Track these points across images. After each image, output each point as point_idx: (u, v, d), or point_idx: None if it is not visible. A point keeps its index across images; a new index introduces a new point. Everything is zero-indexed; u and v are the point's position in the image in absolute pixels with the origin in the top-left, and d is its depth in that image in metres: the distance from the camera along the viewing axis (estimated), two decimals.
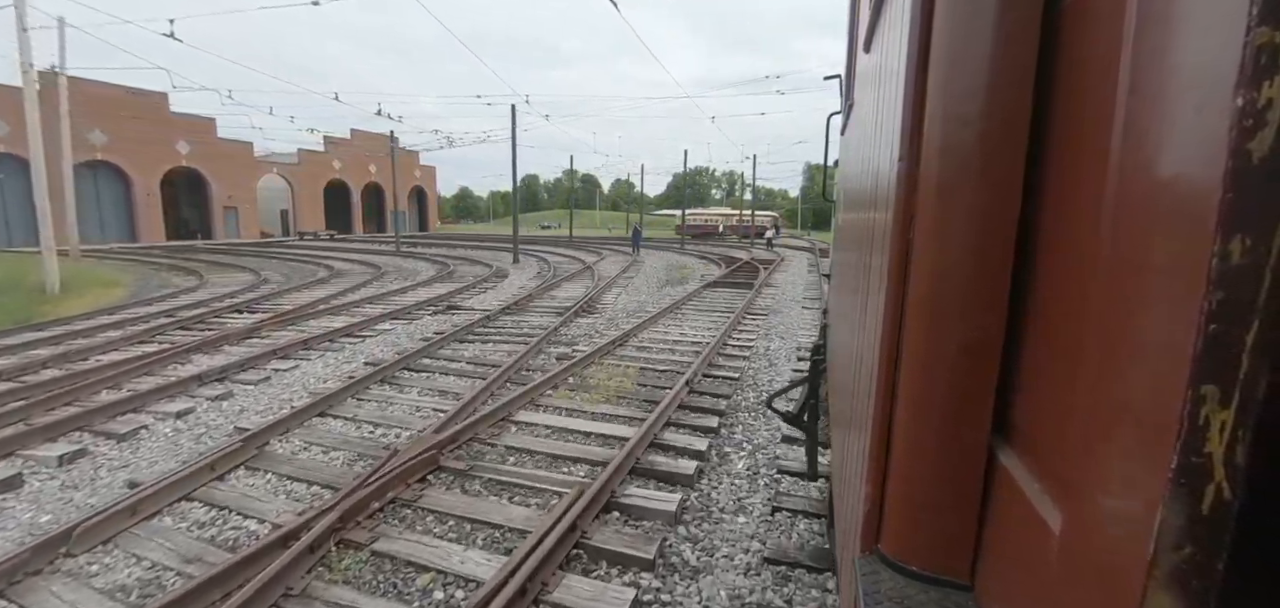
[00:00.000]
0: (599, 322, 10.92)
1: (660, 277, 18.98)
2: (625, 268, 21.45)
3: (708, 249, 33.89)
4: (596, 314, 11.70)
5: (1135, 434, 0.43)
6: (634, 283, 17.19)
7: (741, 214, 48.21)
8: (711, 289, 15.41)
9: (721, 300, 13.50)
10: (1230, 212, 0.34)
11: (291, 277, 18.37)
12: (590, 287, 14.97)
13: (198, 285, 16.07)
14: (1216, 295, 0.34)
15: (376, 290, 14.77)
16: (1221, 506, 0.35)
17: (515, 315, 11.39)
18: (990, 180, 0.72)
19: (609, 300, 13.53)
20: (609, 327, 10.45)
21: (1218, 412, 0.35)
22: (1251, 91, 0.32)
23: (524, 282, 17.01)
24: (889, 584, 0.82)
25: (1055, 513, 0.57)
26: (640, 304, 13.06)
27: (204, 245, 31.40)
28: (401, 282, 17.03)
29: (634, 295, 14.56)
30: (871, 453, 0.90)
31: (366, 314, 11.23)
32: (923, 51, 0.79)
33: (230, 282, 16.94)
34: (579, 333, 9.96)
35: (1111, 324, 0.48)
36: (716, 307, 12.66)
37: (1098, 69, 0.55)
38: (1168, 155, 0.41)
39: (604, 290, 14.73)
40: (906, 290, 0.83)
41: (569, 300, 12.87)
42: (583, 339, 9.45)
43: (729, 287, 15.76)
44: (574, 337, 9.65)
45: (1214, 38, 0.36)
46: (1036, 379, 0.68)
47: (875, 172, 1.28)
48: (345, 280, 17.18)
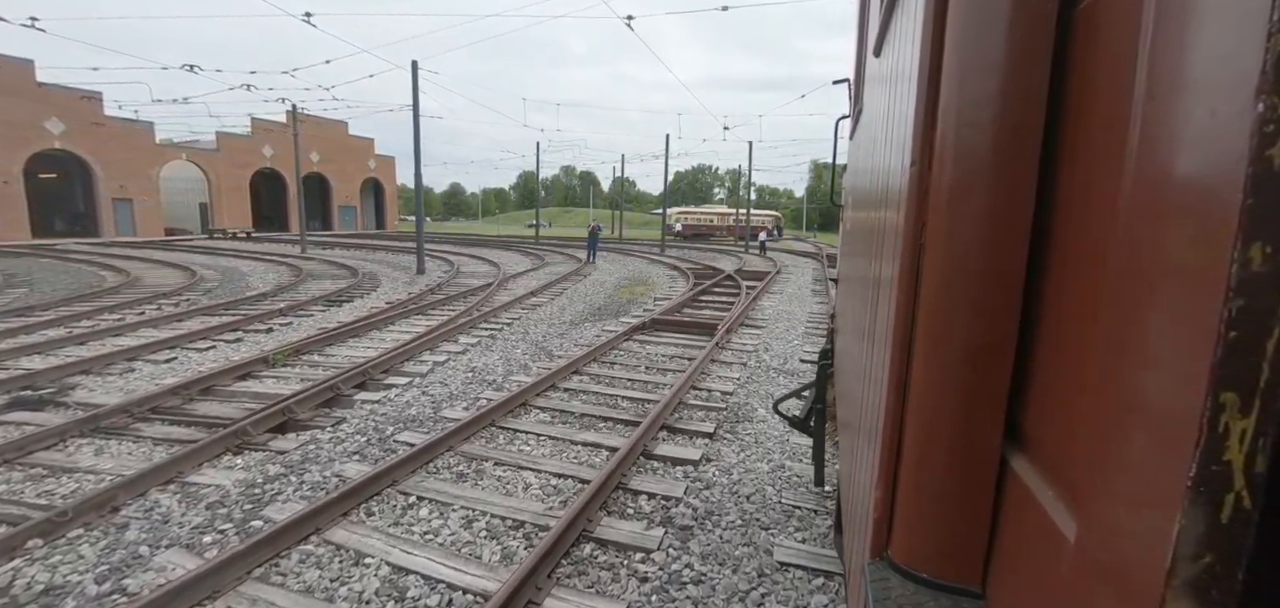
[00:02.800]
0: (347, 431, 4.75)
1: (592, 300, 12.77)
2: (556, 280, 15.34)
3: (691, 254, 27.70)
4: (380, 392, 5.54)
5: (1152, 441, 0.42)
6: (542, 311, 11.00)
7: (738, 213, 41.81)
8: (652, 334, 9.15)
9: (655, 362, 7.32)
10: (1251, 218, 0.33)
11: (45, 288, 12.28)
12: (455, 316, 8.86)
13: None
14: (1237, 302, 0.34)
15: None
16: (1242, 515, 0.35)
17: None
18: (1003, 184, 0.71)
19: (451, 364, 7.31)
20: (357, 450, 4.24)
21: (1238, 419, 0.35)
22: (1273, 97, 0.32)
23: (374, 304, 10.88)
24: (899, 591, 0.81)
25: (1069, 520, 0.55)
26: (489, 371, 6.88)
27: (57, 246, 25.42)
28: (175, 303, 10.85)
29: (504, 349, 8.31)
30: (881, 458, 0.90)
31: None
32: (935, 55, 0.78)
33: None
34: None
35: (1127, 329, 0.46)
36: (632, 382, 6.46)
37: (1113, 72, 0.55)
38: (1186, 160, 0.40)
39: (463, 328, 8.62)
40: (917, 294, 0.82)
41: (361, 358, 6.75)
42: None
43: (680, 331, 9.46)
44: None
45: (1233, 42, 0.35)
46: (1050, 384, 0.67)
47: (886, 175, 1.27)
48: (71, 306, 11.00)
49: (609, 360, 7.51)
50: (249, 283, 15.31)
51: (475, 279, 15.81)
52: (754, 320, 10.47)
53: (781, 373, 7.26)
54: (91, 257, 20.87)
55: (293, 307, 11.00)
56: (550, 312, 11.39)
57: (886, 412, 0.88)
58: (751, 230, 34.33)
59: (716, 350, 7.91)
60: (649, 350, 8.13)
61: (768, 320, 10.61)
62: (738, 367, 7.36)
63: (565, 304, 12.42)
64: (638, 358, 7.68)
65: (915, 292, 0.82)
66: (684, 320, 9.93)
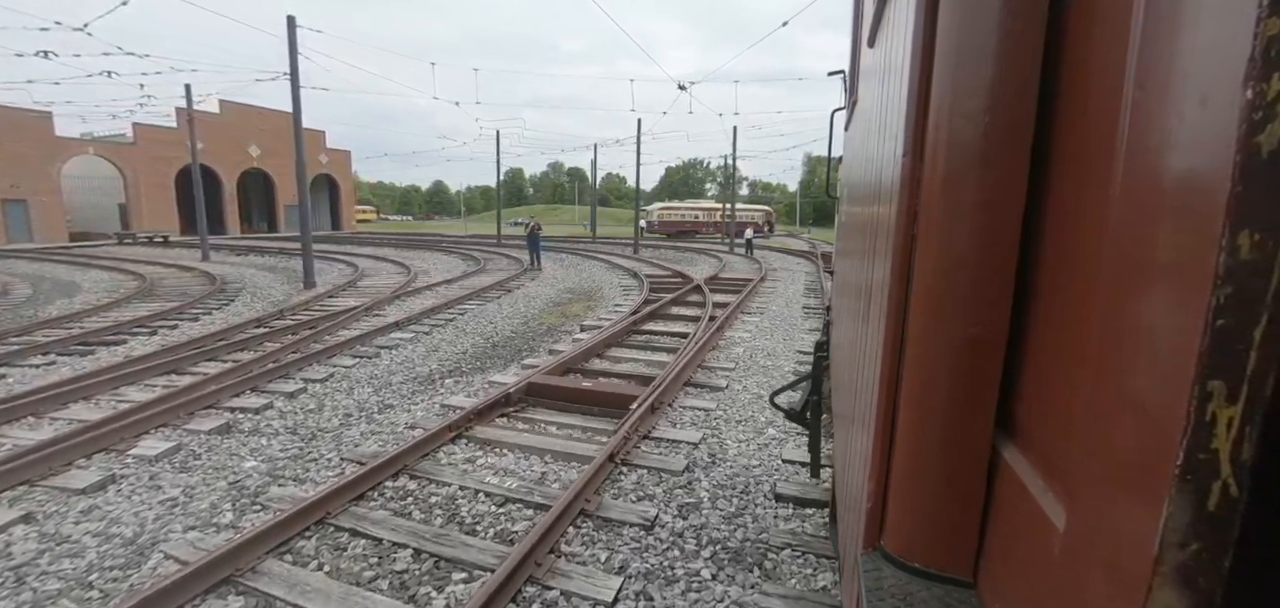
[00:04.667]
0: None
1: (501, 328, 8.99)
2: (474, 293, 11.58)
3: (669, 255, 23.98)
4: None
5: (1141, 430, 0.42)
6: (407, 351, 7.21)
7: (724, 208, 37.98)
8: (517, 419, 5.41)
9: (470, 516, 3.60)
10: (1239, 205, 0.33)
11: None
12: (251, 363, 5.13)
13: None
14: (1224, 290, 0.34)
15: None
16: (1228, 502, 0.35)
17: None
18: (995, 175, 0.71)
19: None
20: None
21: (1224, 408, 0.35)
22: (1261, 84, 0.32)
23: (189, 333, 7.14)
24: (892, 581, 0.81)
25: (1059, 510, 0.56)
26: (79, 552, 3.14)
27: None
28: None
29: (212, 463, 4.54)
30: (874, 449, 0.89)
31: None
32: (927, 46, 0.77)
33: None
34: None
35: (1117, 319, 0.46)
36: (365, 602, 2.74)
37: (1104, 61, 0.54)
38: (1175, 148, 0.40)
39: (229, 391, 4.93)
40: (910, 286, 0.82)
41: None
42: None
43: (573, 408, 5.66)
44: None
45: (1222, 29, 0.35)
46: (1041, 375, 0.67)
47: (879, 167, 1.26)
48: None
49: (376, 501, 3.74)
50: (59, 300, 11.50)
51: (364, 296, 12.01)
52: (710, 372, 6.70)
53: (738, 526, 3.53)
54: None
55: (66, 340, 7.22)
56: (418, 351, 7.61)
57: (879, 403, 0.88)
58: (736, 226, 30.52)
59: (616, 469, 4.16)
60: (482, 469, 4.34)
61: (733, 369, 6.85)
62: (647, 500, 3.62)
63: (456, 334, 8.65)
64: (441, 494, 3.91)
65: (908, 283, 0.82)
66: (591, 386, 6.12)
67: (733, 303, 10.59)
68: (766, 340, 8.41)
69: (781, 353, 7.68)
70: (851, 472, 1.32)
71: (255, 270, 17.39)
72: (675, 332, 8.69)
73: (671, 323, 9.41)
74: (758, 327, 9.35)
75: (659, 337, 8.46)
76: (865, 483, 0.92)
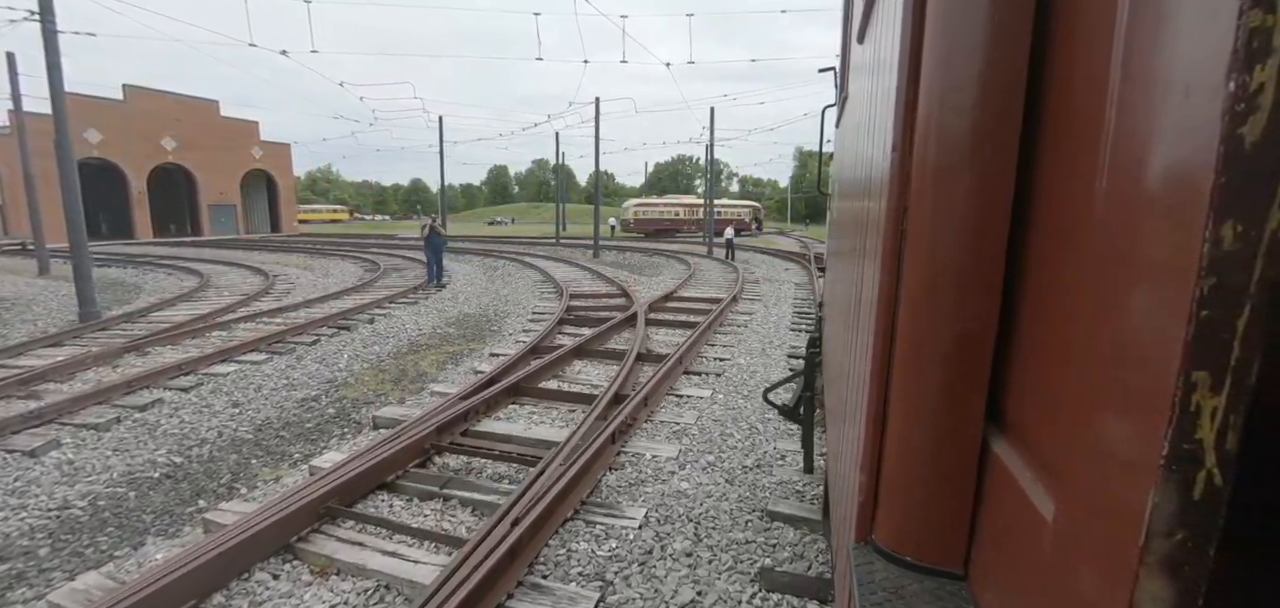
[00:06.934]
0: None
1: (311, 393, 4.91)
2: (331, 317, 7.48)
3: (634, 258, 19.96)
4: None
5: (1127, 421, 0.42)
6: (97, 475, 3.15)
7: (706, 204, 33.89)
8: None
9: None
10: (1222, 196, 0.33)
11: None
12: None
13: None
14: (1208, 281, 0.34)
15: None
16: (1213, 492, 0.36)
17: None
18: (983, 169, 0.71)
19: None
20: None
21: (1209, 398, 0.35)
22: (1243, 75, 0.32)
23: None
24: (883, 574, 0.81)
25: (1048, 501, 0.56)
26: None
27: None
28: None
29: None
30: (865, 443, 0.90)
31: None
32: (916, 40, 0.77)
33: None
34: None
35: (1104, 311, 0.47)
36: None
37: (1090, 55, 0.55)
38: (1159, 140, 0.40)
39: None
40: (900, 280, 0.82)
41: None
42: None
43: None
44: None
45: (1206, 21, 0.35)
46: (1030, 368, 0.67)
47: (869, 162, 1.27)
48: None
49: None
50: None
51: (161, 322, 7.83)
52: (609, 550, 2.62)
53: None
54: None
55: None
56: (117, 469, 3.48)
57: (870, 397, 0.88)
58: (716, 225, 26.44)
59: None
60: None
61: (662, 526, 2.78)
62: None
63: (144, 434, 4.49)
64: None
65: (898, 277, 0.82)
66: None
67: (674, 351, 6.47)
68: (735, 400, 4.30)
69: (766, 454, 3.61)
70: (843, 465, 1.34)
71: (70, 284, 13.13)
72: (536, 440, 4.59)
73: (546, 411, 5.30)
74: (727, 380, 5.23)
75: (552, 414, 4.35)
76: (857, 476, 0.93)
